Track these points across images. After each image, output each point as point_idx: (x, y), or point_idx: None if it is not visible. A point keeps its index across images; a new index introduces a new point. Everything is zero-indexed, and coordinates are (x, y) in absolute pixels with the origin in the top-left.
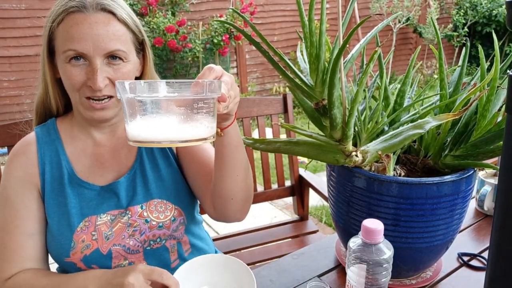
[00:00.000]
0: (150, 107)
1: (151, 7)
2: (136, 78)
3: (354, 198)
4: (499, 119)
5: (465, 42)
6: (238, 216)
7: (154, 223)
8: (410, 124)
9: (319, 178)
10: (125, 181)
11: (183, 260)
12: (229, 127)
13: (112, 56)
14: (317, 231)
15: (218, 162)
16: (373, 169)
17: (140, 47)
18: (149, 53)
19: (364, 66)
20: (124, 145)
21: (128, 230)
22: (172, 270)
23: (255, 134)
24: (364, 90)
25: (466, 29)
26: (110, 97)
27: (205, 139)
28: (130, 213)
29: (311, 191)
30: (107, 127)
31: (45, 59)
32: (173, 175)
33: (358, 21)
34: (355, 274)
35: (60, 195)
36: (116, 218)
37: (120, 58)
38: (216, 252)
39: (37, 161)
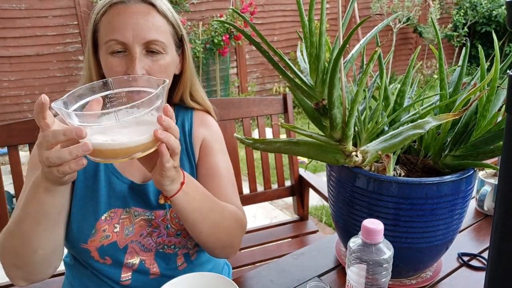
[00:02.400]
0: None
1: None
2: (176, 76)
3: (354, 198)
4: (499, 119)
5: (465, 42)
6: (222, 257)
7: (173, 230)
8: (410, 124)
9: (319, 178)
10: (153, 184)
11: (189, 262)
12: (175, 196)
13: (151, 47)
14: (317, 231)
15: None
16: (373, 169)
17: (180, 43)
18: (188, 50)
19: (364, 66)
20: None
21: (148, 229)
22: (180, 272)
23: (255, 134)
24: (364, 90)
25: (466, 29)
26: None
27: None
28: (154, 215)
29: (311, 191)
30: None
31: (90, 53)
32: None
33: (358, 21)
34: (355, 274)
35: (90, 180)
36: (140, 215)
37: (159, 49)
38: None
39: None
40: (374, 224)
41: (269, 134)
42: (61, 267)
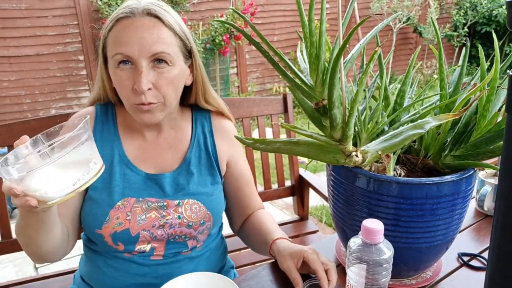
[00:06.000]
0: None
1: None
2: (186, 87)
3: (354, 198)
4: (499, 119)
5: (465, 42)
6: None
7: (185, 220)
8: (410, 124)
9: (319, 178)
10: (170, 176)
11: (194, 251)
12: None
13: (158, 60)
14: (317, 231)
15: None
16: (373, 169)
17: (189, 54)
18: (198, 61)
19: (364, 66)
20: (171, 145)
21: (160, 220)
22: (184, 257)
23: (255, 134)
24: (364, 90)
25: (466, 29)
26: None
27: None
28: (166, 205)
29: (311, 191)
30: (154, 126)
31: (102, 68)
32: (214, 184)
33: (358, 21)
34: (355, 274)
35: (106, 172)
36: (152, 205)
37: (165, 62)
38: (223, 260)
39: None
40: (374, 224)
41: (269, 134)
42: (71, 253)
